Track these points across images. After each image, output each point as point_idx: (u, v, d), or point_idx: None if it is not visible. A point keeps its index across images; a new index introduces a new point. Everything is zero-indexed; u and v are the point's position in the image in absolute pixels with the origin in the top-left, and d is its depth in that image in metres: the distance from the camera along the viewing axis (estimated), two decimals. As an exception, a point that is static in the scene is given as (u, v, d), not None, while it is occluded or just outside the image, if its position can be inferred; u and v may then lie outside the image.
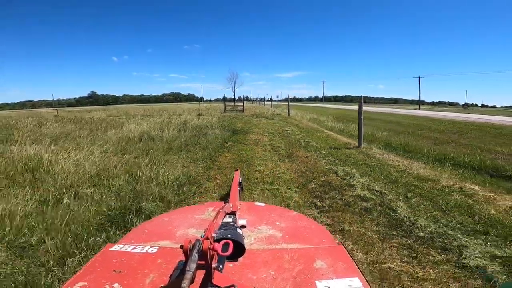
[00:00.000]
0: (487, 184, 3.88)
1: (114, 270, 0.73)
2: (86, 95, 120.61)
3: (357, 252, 1.99)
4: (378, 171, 4.21)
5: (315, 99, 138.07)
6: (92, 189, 2.87)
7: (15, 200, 2.44)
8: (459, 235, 2.23)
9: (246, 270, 0.73)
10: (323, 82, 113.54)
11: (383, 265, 1.84)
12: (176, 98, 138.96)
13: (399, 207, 2.81)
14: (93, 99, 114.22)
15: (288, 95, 17.43)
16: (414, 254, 1.98)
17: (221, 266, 0.65)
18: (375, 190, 3.31)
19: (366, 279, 0.70)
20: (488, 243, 2.10)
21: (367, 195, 3.12)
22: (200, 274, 0.58)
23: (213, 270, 0.58)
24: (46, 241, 1.95)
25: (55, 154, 3.75)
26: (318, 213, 2.67)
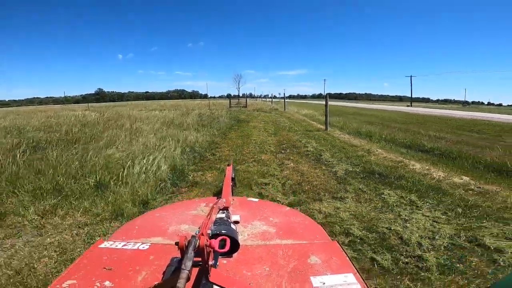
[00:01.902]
0: (395, 151, 6.22)
1: (104, 268, 0.72)
2: (93, 92, 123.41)
3: (291, 163, 4.39)
4: (328, 142, 6.58)
5: (319, 97, 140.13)
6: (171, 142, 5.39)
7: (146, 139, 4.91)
8: (343, 164, 4.56)
9: (241, 266, 0.73)
10: (324, 80, 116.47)
11: (299, 168, 4.20)
12: (181, 95, 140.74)
13: (324, 155, 5.18)
14: (100, 96, 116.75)
15: (284, 93, 19.74)
16: (316, 167, 4.31)
17: (218, 263, 0.65)
18: (318, 149, 5.69)
19: (360, 275, 0.70)
20: (351, 166, 4.42)
21: (312, 150, 5.51)
22: (194, 271, 0.58)
23: (210, 267, 0.57)
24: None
25: (143, 126, 6.30)
26: (282, 154, 5.08)
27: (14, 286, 1.51)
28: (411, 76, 52.32)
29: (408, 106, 39.45)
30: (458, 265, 1.78)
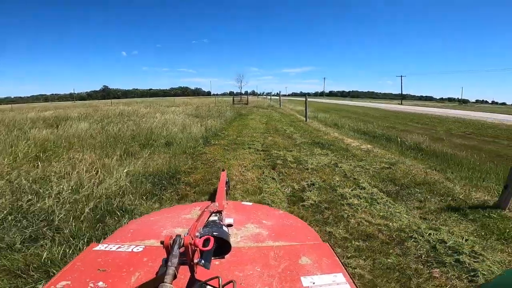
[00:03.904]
0: (347, 134, 8.87)
1: (98, 269, 0.72)
2: (97, 89, 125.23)
3: (270, 137, 7.07)
4: (303, 128, 9.23)
5: (321, 95, 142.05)
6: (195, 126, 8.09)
7: (183, 122, 7.64)
8: (303, 139, 7.22)
9: (233, 267, 0.75)
10: (324, 78, 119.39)
11: (275, 140, 6.88)
12: (184, 92, 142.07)
13: (295, 135, 7.84)
14: (105, 93, 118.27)
15: (280, 92, 22.34)
16: (285, 140, 6.96)
17: (203, 261, 0.64)
18: (293, 132, 8.36)
19: (349, 275, 0.72)
20: (307, 140, 7.10)
21: (288, 132, 8.18)
22: (184, 271, 0.59)
23: (195, 265, 0.59)
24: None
25: (174, 116, 9.05)
26: (266, 134, 7.77)
27: (159, 171, 4.15)
28: (401, 76, 55.76)
29: (399, 104, 41.76)
30: (319, 169, 4.41)
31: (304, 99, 12.85)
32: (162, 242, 0.56)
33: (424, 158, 5.62)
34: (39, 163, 3.34)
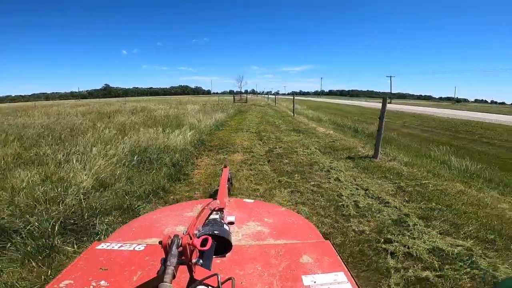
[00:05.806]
0: (324, 126, 11.54)
1: (100, 268, 0.74)
2: (98, 88, 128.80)
3: (262, 126, 9.78)
4: (289, 121, 11.89)
5: (321, 93, 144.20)
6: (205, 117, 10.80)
7: (197, 115, 10.38)
8: (287, 127, 9.91)
9: (234, 265, 0.76)
10: (321, 78, 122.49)
11: (265, 127, 9.54)
12: (184, 91, 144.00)
13: (281, 125, 10.51)
14: (106, 92, 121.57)
15: (278, 91, 25.16)
16: (273, 127, 9.63)
17: (201, 261, 0.66)
18: (280, 123, 11.01)
19: (351, 274, 0.72)
20: (289, 127, 9.78)
21: (276, 123, 10.84)
22: (183, 270, 0.59)
23: (193, 265, 0.60)
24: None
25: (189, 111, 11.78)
26: (260, 124, 10.47)
27: (194, 139, 6.88)
28: (390, 77, 59.11)
29: (389, 103, 44.42)
30: (289, 142, 7.09)
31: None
32: (160, 242, 0.59)
33: (363, 138, 8.30)
34: (132, 133, 6.05)
